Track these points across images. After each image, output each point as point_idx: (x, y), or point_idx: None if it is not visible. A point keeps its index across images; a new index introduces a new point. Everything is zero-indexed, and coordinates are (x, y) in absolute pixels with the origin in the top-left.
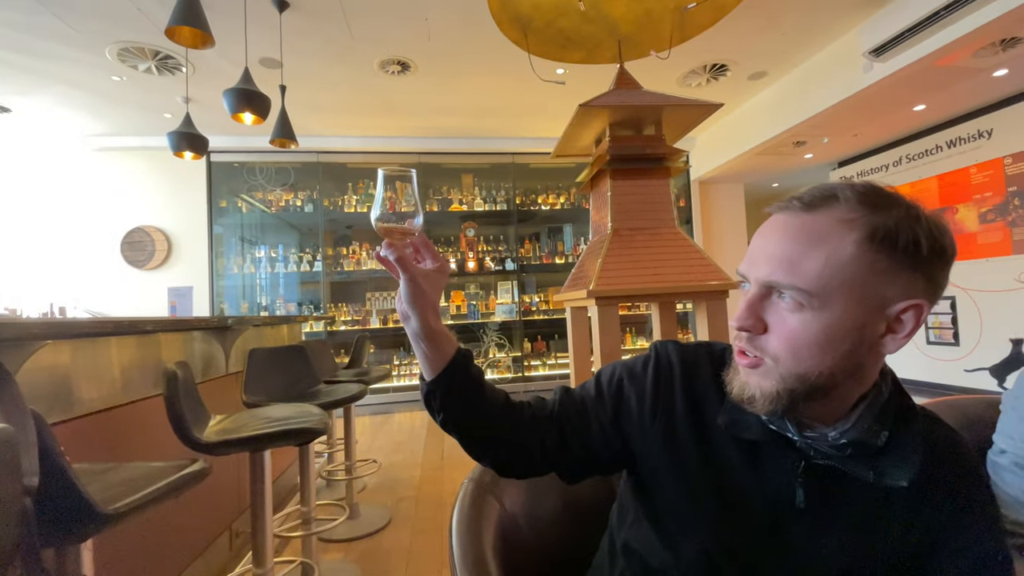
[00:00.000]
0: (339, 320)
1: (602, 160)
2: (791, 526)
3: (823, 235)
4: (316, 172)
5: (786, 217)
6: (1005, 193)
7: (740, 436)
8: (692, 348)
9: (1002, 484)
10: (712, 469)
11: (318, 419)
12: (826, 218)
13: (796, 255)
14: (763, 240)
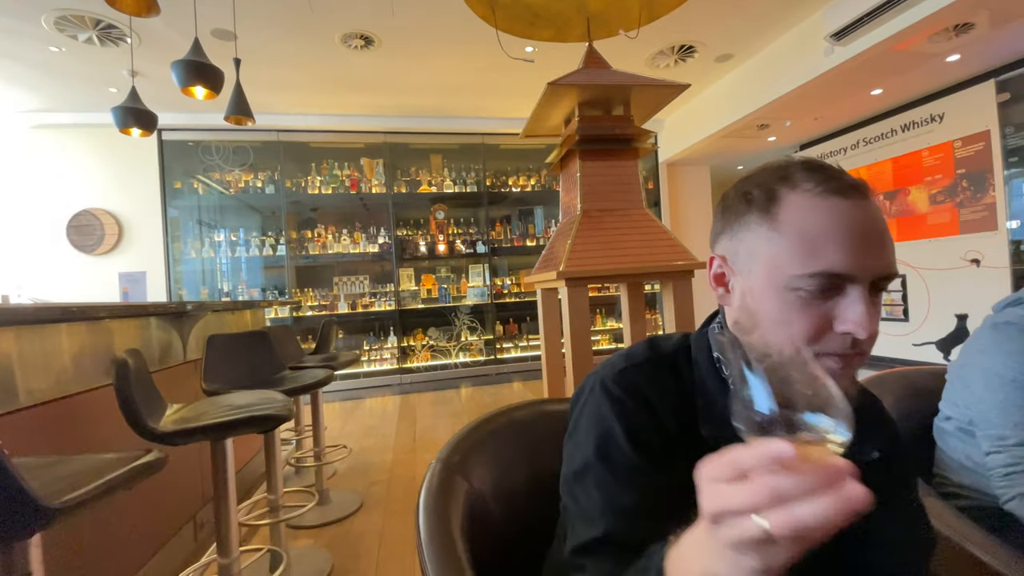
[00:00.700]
0: (305, 306)
1: (571, 140)
2: None
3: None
4: (276, 152)
5: (865, 204)
6: (954, 175)
7: (723, 444)
8: (637, 363)
9: (947, 449)
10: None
11: (281, 405)
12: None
13: (892, 243)
14: (867, 231)
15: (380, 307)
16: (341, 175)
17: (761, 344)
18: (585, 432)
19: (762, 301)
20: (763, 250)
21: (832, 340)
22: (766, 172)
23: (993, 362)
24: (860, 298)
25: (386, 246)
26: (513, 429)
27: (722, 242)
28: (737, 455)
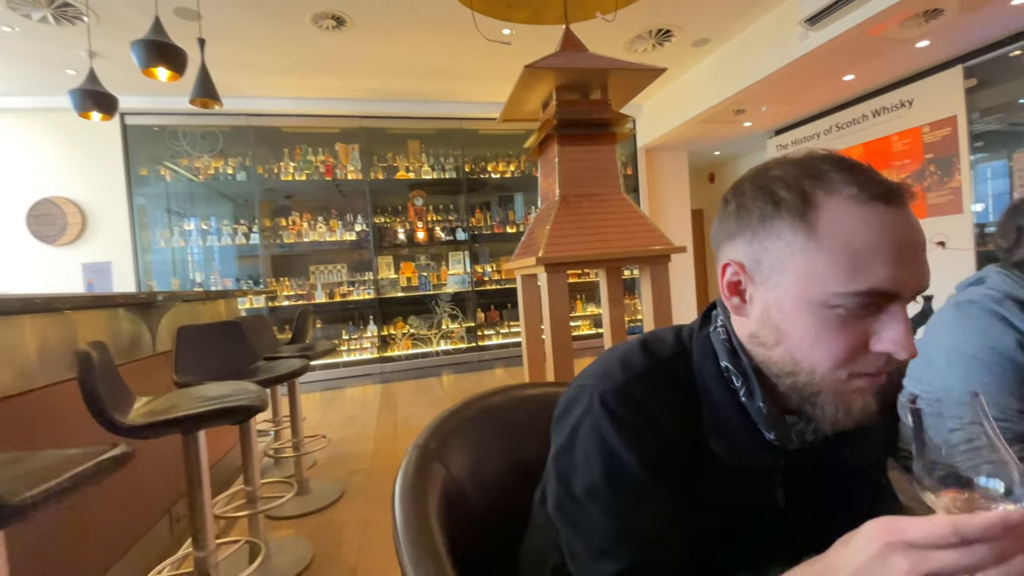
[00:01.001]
0: (281, 295)
1: (549, 125)
2: (767, 522)
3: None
4: (247, 137)
5: (907, 212)
6: (922, 160)
7: (735, 464)
8: (637, 375)
9: (911, 424)
10: (700, 490)
11: (255, 396)
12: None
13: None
14: (912, 244)
15: (359, 296)
16: (315, 161)
17: (787, 362)
18: (585, 455)
19: (792, 317)
20: (797, 262)
21: (867, 360)
22: (792, 167)
23: (954, 340)
24: (901, 316)
25: (364, 234)
26: (490, 415)
27: (737, 246)
28: (960, 525)
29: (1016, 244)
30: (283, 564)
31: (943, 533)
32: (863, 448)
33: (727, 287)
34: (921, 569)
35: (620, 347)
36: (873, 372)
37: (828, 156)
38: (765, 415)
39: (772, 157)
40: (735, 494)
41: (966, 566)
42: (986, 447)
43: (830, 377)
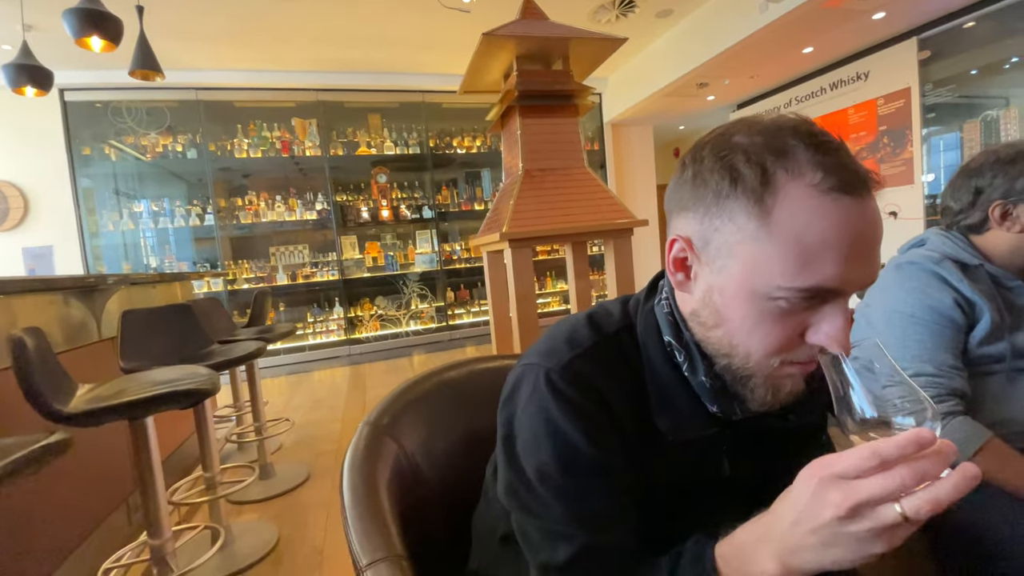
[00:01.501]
0: (241, 278)
1: (511, 96)
2: (712, 489)
3: None
4: (196, 112)
5: (871, 203)
6: (877, 132)
7: (680, 439)
8: (583, 352)
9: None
10: (648, 464)
11: (205, 379)
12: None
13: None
14: (867, 240)
15: (323, 277)
16: (271, 137)
17: (724, 345)
18: (533, 436)
19: (733, 304)
20: (746, 250)
21: (801, 350)
22: (757, 136)
23: (894, 300)
24: (841, 311)
25: (325, 213)
26: (446, 389)
27: (688, 221)
28: (878, 447)
29: (971, 206)
30: (247, 548)
31: (864, 457)
32: (808, 414)
33: (673, 262)
34: (852, 499)
35: (567, 321)
36: (805, 361)
37: (797, 127)
38: (708, 388)
39: (740, 118)
40: (682, 467)
41: (891, 491)
42: (900, 386)
43: (764, 363)
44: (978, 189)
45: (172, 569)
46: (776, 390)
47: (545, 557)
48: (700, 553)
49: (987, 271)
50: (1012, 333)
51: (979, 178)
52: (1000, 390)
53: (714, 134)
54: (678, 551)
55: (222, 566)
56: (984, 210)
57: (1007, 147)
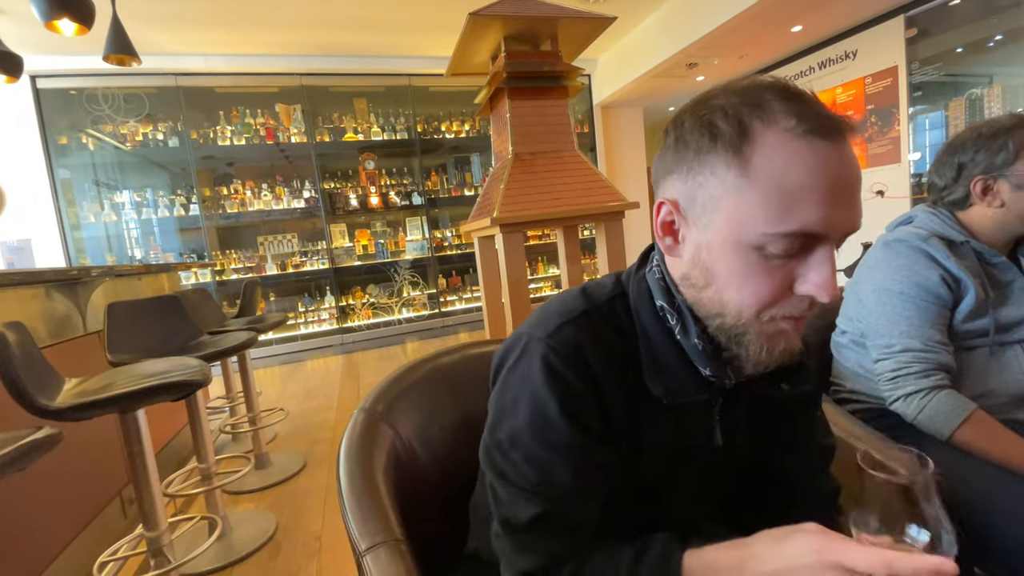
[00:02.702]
0: (229, 269)
1: (499, 78)
2: (704, 459)
3: None
4: (175, 99)
5: (847, 147)
6: (865, 111)
7: (675, 402)
8: (572, 319)
9: (842, 360)
10: (639, 431)
11: (196, 370)
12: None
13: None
14: (847, 183)
15: (313, 266)
16: (254, 123)
17: (715, 304)
18: (514, 400)
19: (721, 259)
20: (729, 200)
21: (790, 302)
22: (734, 95)
23: (883, 277)
24: (827, 259)
25: (313, 201)
26: (440, 375)
27: (673, 183)
28: (893, 561)
29: (954, 181)
30: (245, 537)
31: (876, 564)
32: (799, 384)
33: (661, 227)
34: None
35: (562, 294)
36: (796, 315)
37: (772, 84)
38: (700, 351)
39: (718, 84)
40: (673, 432)
41: None
42: (924, 503)
43: (755, 319)
44: (960, 165)
45: (170, 560)
46: (771, 347)
47: (508, 513)
48: (668, 557)
49: (972, 247)
50: (995, 309)
51: (961, 154)
52: (983, 364)
53: (694, 100)
54: (644, 543)
55: (220, 556)
56: (966, 186)
57: (988, 123)
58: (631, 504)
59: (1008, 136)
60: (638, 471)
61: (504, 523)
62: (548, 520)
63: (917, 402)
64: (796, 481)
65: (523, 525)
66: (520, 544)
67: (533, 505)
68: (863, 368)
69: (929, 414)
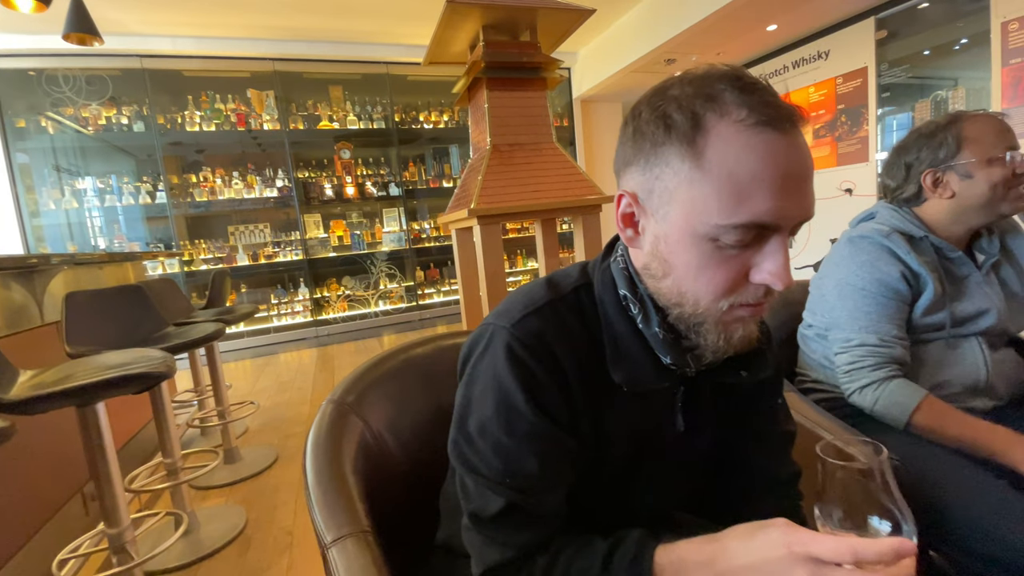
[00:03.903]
0: (198, 259)
1: (477, 67)
2: (668, 447)
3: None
4: (141, 81)
5: (798, 138)
6: (835, 111)
7: (636, 390)
8: (537, 308)
9: (808, 351)
10: (603, 419)
11: (160, 362)
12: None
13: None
14: (797, 174)
15: (286, 257)
16: (225, 109)
17: (674, 294)
18: (482, 391)
19: (678, 250)
20: (683, 192)
21: (747, 291)
22: (688, 86)
23: (846, 273)
24: (780, 248)
25: (286, 190)
26: (413, 366)
27: (632, 175)
28: (858, 547)
29: (905, 181)
30: (213, 532)
31: (842, 552)
32: (759, 371)
33: (621, 219)
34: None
35: (529, 284)
36: (753, 303)
37: (726, 74)
38: (661, 340)
39: (675, 74)
40: (637, 420)
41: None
42: (883, 493)
43: (713, 308)
44: (908, 164)
45: (133, 557)
46: (728, 335)
47: (477, 506)
48: (641, 552)
49: (931, 242)
50: (952, 303)
51: (907, 154)
52: (940, 355)
53: (651, 90)
54: (618, 538)
55: (187, 552)
56: (916, 181)
57: (927, 124)
58: (599, 492)
59: (946, 132)
60: (604, 459)
61: (473, 516)
62: (516, 511)
63: (872, 393)
64: (758, 466)
65: (492, 517)
66: (490, 537)
67: (501, 496)
68: (827, 360)
69: (885, 404)
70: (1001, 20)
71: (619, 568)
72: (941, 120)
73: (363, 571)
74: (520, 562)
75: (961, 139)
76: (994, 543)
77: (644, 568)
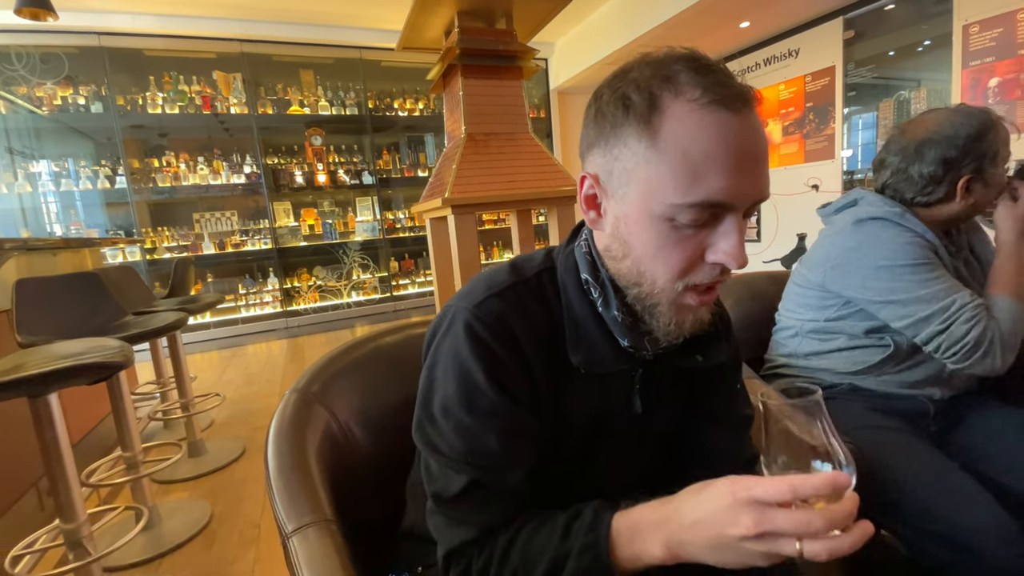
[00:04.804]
0: (161, 247)
1: (452, 54)
2: (627, 428)
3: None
4: (100, 60)
5: (751, 118)
6: (804, 108)
7: (594, 373)
8: (498, 291)
9: (797, 347)
10: (563, 401)
11: (116, 352)
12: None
13: (768, 162)
14: (750, 153)
15: (254, 246)
16: (189, 91)
17: (633, 274)
18: (444, 372)
19: (636, 230)
20: (641, 172)
21: (703, 271)
22: (647, 68)
23: (886, 254)
24: (735, 228)
25: (255, 177)
26: (381, 355)
27: (595, 157)
28: (796, 484)
29: (937, 184)
30: (176, 527)
31: (782, 489)
32: (714, 356)
33: (584, 201)
34: (764, 527)
35: (493, 267)
36: (708, 283)
37: (683, 56)
38: (620, 323)
39: (636, 56)
40: (596, 402)
41: (801, 531)
42: (820, 432)
43: (669, 288)
44: (947, 166)
45: (90, 552)
46: (681, 317)
47: (439, 487)
48: (598, 520)
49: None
50: None
51: (947, 155)
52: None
53: (613, 73)
54: (577, 510)
55: (149, 547)
56: (953, 184)
57: (962, 121)
58: (561, 473)
59: (991, 136)
60: (565, 440)
61: (436, 497)
62: (478, 490)
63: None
64: (717, 448)
65: (454, 497)
66: (452, 518)
67: (463, 475)
68: (804, 355)
69: (1005, 330)
70: (963, 23)
71: (576, 536)
72: (981, 120)
73: (325, 559)
74: (483, 540)
75: (999, 145)
76: (942, 522)
77: (601, 534)
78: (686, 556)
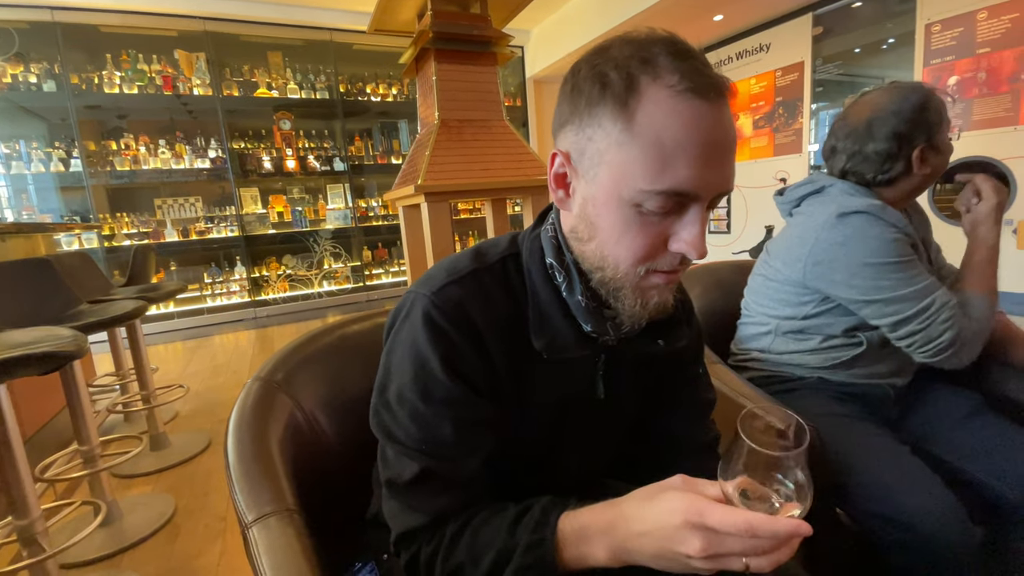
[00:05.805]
0: (120, 234)
1: (425, 37)
2: (591, 414)
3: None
4: (52, 36)
5: (723, 109)
6: (774, 102)
7: (557, 358)
8: (459, 278)
9: (772, 347)
10: (525, 387)
11: (69, 341)
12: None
13: (734, 155)
14: (719, 144)
15: (220, 233)
16: (149, 71)
17: (597, 257)
18: (401, 359)
19: (603, 213)
20: (613, 155)
21: (664, 258)
22: (627, 47)
23: (871, 251)
24: (698, 219)
25: (220, 161)
26: (347, 343)
27: (567, 134)
28: (755, 524)
29: (894, 160)
30: (138, 521)
31: (739, 528)
32: (676, 341)
33: (554, 179)
34: (713, 550)
35: (456, 253)
36: (668, 270)
37: (664, 39)
38: (583, 308)
39: (619, 34)
40: (559, 387)
41: (749, 554)
42: (792, 468)
43: (631, 273)
44: (900, 140)
45: (44, 549)
46: (644, 301)
47: (393, 474)
48: (545, 519)
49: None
50: None
51: (899, 129)
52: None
53: (593, 49)
54: (527, 505)
55: (109, 542)
56: (908, 158)
57: (904, 94)
58: (525, 459)
59: (932, 103)
60: (529, 426)
61: (389, 483)
62: (431, 477)
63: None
64: (680, 431)
65: (407, 483)
66: (405, 504)
67: (416, 462)
68: (788, 351)
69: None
70: (925, 22)
71: (523, 533)
72: (920, 92)
73: (286, 548)
74: (433, 528)
75: (943, 111)
76: (889, 504)
77: (547, 536)
78: (631, 561)
